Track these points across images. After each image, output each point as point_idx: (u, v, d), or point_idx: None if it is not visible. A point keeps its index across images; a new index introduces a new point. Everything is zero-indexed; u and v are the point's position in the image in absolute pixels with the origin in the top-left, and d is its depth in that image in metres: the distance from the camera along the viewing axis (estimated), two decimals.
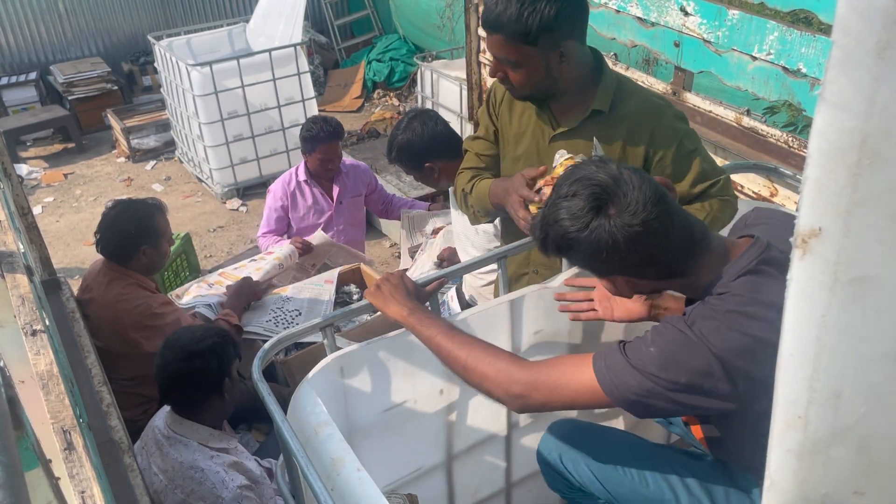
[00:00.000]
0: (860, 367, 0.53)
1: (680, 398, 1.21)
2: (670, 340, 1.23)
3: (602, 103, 1.79)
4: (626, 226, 1.20)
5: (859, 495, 0.58)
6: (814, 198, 0.49)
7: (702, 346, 1.19)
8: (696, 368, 1.19)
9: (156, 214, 2.69)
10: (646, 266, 1.27)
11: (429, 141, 2.63)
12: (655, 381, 1.21)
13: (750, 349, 1.17)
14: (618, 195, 1.22)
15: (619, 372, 1.24)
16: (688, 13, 2.80)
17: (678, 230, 1.25)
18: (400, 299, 1.53)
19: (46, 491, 0.86)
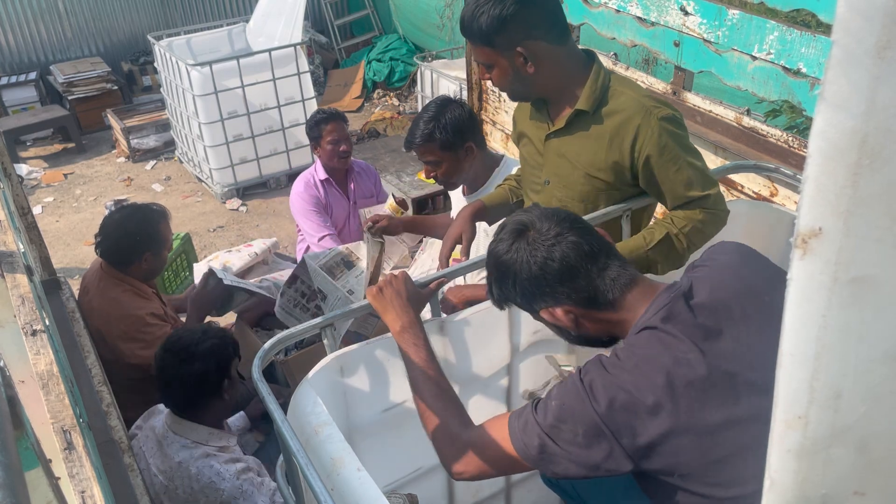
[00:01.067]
0: (860, 367, 0.53)
1: (576, 456, 1.22)
2: (567, 393, 1.25)
3: (585, 104, 1.79)
4: (541, 240, 1.32)
5: (859, 495, 0.58)
6: (814, 198, 0.49)
7: (589, 403, 1.21)
8: (586, 423, 1.21)
9: (160, 221, 2.66)
10: (569, 288, 1.31)
11: (474, 120, 2.61)
12: (556, 436, 1.23)
13: (631, 405, 1.19)
14: (536, 221, 1.36)
15: (527, 431, 1.27)
16: (688, 13, 2.80)
17: (599, 256, 1.32)
18: (398, 308, 1.55)
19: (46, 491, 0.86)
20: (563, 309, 1.34)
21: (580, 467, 1.23)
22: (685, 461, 1.19)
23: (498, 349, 1.84)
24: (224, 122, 5.17)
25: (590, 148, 1.82)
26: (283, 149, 5.53)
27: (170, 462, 2.04)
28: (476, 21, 1.70)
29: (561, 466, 1.25)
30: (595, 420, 1.20)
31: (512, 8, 1.67)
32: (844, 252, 0.49)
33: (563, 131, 1.85)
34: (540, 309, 1.37)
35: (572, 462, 1.23)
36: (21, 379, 1.46)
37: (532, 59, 1.74)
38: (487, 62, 1.78)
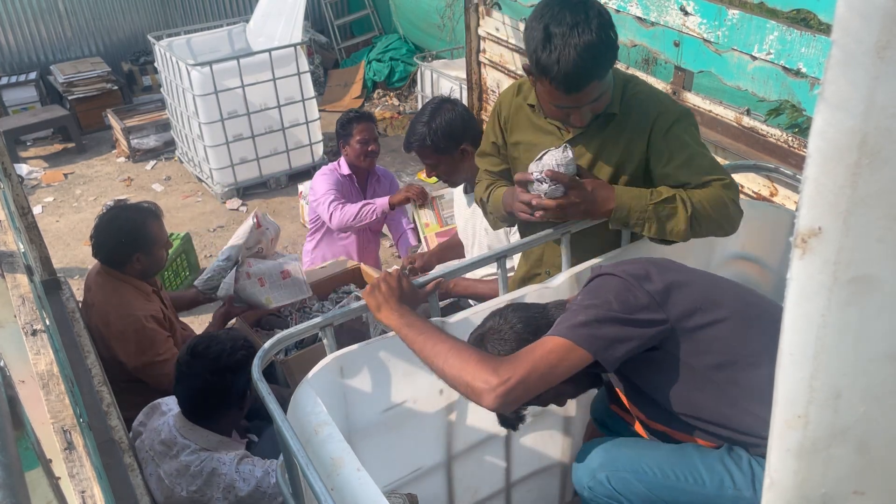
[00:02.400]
0: (860, 367, 0.53)
1: (622, 315, 1.40)
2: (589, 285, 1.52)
3: (614, 107, 1.80)
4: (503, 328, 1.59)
5: (859, 495, 0.58)
6: (813, 197, 0.49)
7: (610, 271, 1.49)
8: (616, 286, 1.45)
9: (148, 221, 2.62)
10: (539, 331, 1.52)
11: (468, 121, 2.60)
12: (596, 308, 1.41)
13: (642, 267, 1.50)
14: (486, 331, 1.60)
15: (568, 320, 1.42)
16: (688, 13, 2.80)
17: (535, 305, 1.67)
18: (392, 304, 1.56)
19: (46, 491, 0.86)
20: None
21: (624, 327, 1.40)
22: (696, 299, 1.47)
23: None
24: (224, 122, 5.16)
25: (610, 150, 1.83)
26: (284, 149, 5.53)
27: (177, 465, 2.03)
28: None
29: (609, 337, 1.39)
30: (621, 278, 1.45)
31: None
32: (844, 252, 0.49)
33: (583, 135, 1.85)
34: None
35: (616, 323, 1.40)
36: (21, 379, 1.46)
37: None
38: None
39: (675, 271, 1.54)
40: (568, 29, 1.60)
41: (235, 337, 2.13)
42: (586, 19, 1.61)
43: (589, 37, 1.60)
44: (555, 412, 2.09)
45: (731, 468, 1.53)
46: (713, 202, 1.71)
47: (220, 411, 2.09)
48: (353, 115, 3.43)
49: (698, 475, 1.55)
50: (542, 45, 1.62)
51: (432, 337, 1.46)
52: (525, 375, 1.34)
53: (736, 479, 1.52)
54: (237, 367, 2.03)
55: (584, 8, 1.62)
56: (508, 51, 3.78)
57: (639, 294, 1.43)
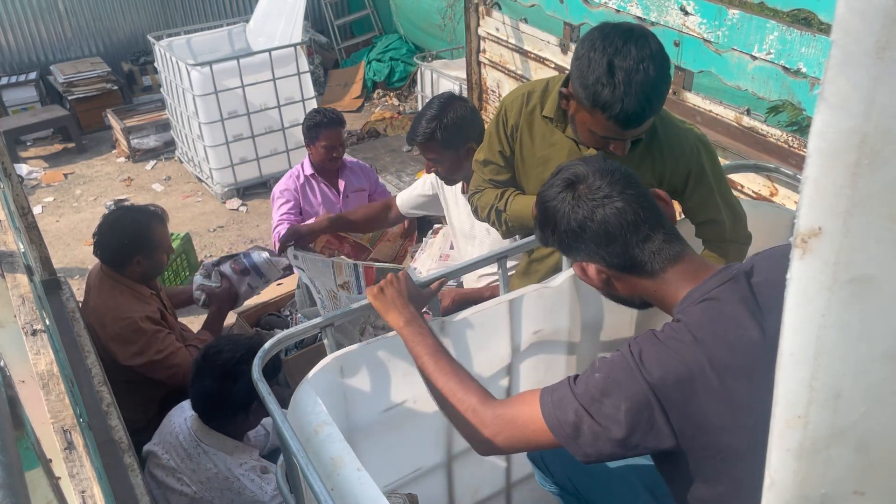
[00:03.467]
0: (860, 367, 0.53)
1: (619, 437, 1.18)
2: (613, 366, 1.21)
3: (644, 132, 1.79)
4: (585, 196, 1.31)
5: (859, 495, 0.59)
6: (813, 198, 0.49)
7: (638, 372, 1.17)
8: (634, 396, 1.16)
9: (153, 224, 2.61)
10: (611, 249, 1.30)
11: (477, 120, 2.58)
12: (596, 412, 1.18)
13: (686, 380, 1.15)
14: (588, 176, 1.33)
15: (563, 407, 1.22)
16: (688, 13, 2.80)
17: (643, 226, 1.29)
18: (400, 307, 1.54)
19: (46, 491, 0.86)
20: (596, 267, 1.34)
21: (616, 445, 1.18)
22: (733, 441, 1.16)
23: (498, 349, 1.84)
24: (224, 122, 5.17)
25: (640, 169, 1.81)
26: (283, 149, 5.53)
27: (206, 473, 2.03)
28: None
29: (594, 445, 1.20)
30: (644, 392, 1.15)
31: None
32: (844, 252, 0.49)
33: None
34: (574, 261, 1.38)
35: (609, 440, 1.18)
36: (21, 379, 1.46)
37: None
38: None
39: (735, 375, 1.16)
40: (634, 64, 1.55)
41: (252, 344, 2.10)
42: (651, 55, 1.56)
43: (654, 74, 1.56)
44: None
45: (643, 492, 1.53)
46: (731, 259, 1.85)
47: (225, 416, 2.09)
48: (321, 119, 3.41)
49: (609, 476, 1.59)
50: (604, 79, 1.57)
51: (434, 362, 1.43)
52: (506, 441, 1.29)
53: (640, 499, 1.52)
54: (241, 375, 2.01)
55: (647, 43, 1.58)
56: (508, 51, 3.78)
57: (656, 418, 1.16)
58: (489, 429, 1.29)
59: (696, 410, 1.15)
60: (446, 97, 2.59)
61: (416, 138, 2.55)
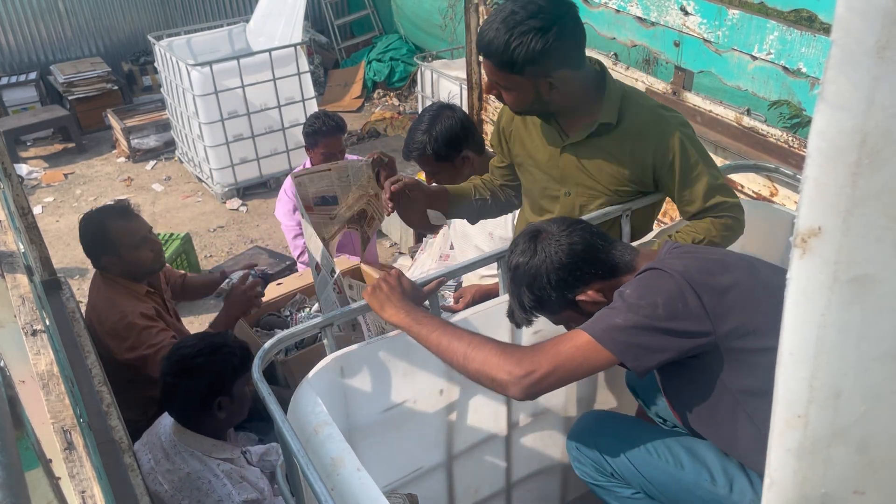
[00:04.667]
0: (860, 367, 0.53)
1: (664, 325, 1.34)
2: (642, 277, 1.43)
3: (608, 116, 1.82)
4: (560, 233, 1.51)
5: (859, 495, 0.59)
6: (813, 197, 0.49)
7: (668, 270, 1.39)
8: (668, 289, 1.36)
9: (108, 223, 2.54)
10: (595, 264, 1.50)
11: (468, 128, 2.58)
12: (637, 311, 1.34)
13: (704, 268, 1.40)
14: (547, 225, 1.55)
15: (606, 319, 1.37)
16: (688, 13, 2.80)
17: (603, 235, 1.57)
18: (396, 302, 1.54)
19: (46, 491, 0.86)
20: (595, 288, 1.50)
21: (663, 334, 1.34)
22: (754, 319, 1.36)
23: None
24: (224, 122, 5.17)
25: (611, 162, 1.86)
26: (284, 149, 5.53)
27: (178, 472, 2.03)
28: (510, 51, 1.67)
29: (645, 344, 1.34)
30: (676, 282, 1.36)
31: (552, 43, 1.66)
32: (844, 251, 0.49)
33: (581, 144, 1.87)
34: (576, 295, 1.51)
35: (656, 332, 1.33)
36: (21, 379, 1.46)
37: (558, 85, 1.75)
38: (508, 86, 1.77)
39: (744, 271, 1.43)
40: (508, 4, 1.69)
41: (216, 342, 2.09)
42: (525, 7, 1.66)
43: (519, 12, 1.66)
44: (555, 412, 2.09)
45: (713, 465, 1.55)
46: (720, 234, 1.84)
47: (195, 414, 2.07)
48: (322, 126, 3.41)
49: (679, 460, 1.60)
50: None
51: (446, 333, 1.43)
52: (550, 370, 1.34)
53: (716, 476, 1.54)
54: (197, 370, 2.01)
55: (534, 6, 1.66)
56: None
57: (690, 301, 1.35)
58: (531, 362, 1.34)
59: (719, 288, 1.37)
60: (435, 109, 2.59)
61: (411, 154, 2.57)
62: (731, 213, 1.85)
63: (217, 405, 2.04)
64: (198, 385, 2.01)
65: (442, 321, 1.48)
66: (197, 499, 1.98)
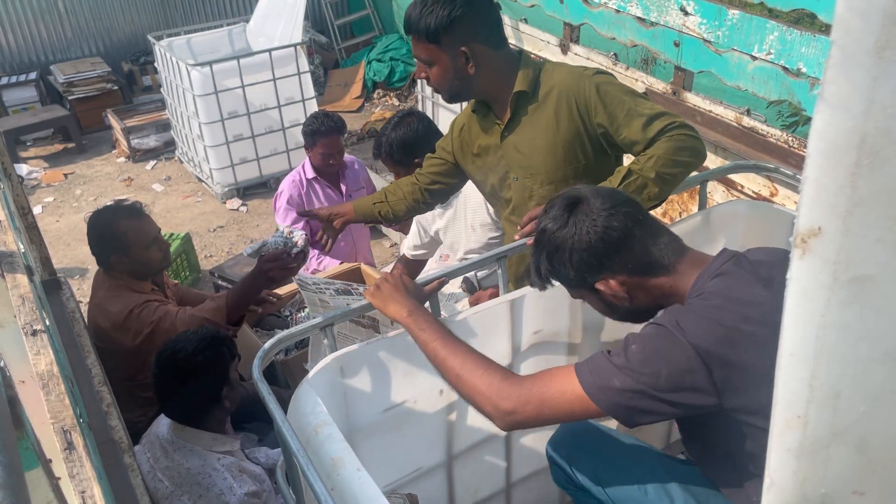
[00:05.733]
0: (860, 367, 0.53)
1: (663, 396, 1.23)
2: (651, 336, 1.27)
3: (522, 84, 1.90)
4: (600, 212, 1.35)
5: (859, 495, 0.59)
6: (813, 197, 0.49)
7: (680, 338, 1.23)
8: (676, 360, 1.22)
9: (118, 221, 2.53)
10: (627, 256, 1.35)
11: (422, 137, 2.69)
12: (637, 378, 1.23)
13: (726, 337, 1.22)
14: (589, 196, 1.38)
15: (603, 375, 1.26)
16: (688, 13, 2.80)
17: (651, 224, 1.38)
18: (399, 299, 1.54)
19: (46, 491, 0.86)
20: (619, 280, 1.37)
21: (660, 405, 1.23)
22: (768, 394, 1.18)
23: (498, 350, 1.84)
24: (224, 122, 5.16)
25: (541, 129, 1.91)
26: (284, 149, 5.52)
27: (178, 468, 2.03)
28: (424, 19, 1.82)
29: (638, 409, 1.24)
30: (687, 355, 1.21)
31: (460, 11, 1.81)
32: (844, 252, 0.49)
33: (512, 123, 1.95)
34: (596, 281, 1.38)
35: (654, 400, 1.23)
36: (21, 379, 1.46)
37: (473, 60, 1.86)
38: (429, 59, 1.88)
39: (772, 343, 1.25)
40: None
41: (203, 336, 2.09)
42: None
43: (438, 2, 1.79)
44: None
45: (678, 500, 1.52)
46: (671, 153, 1.72)
47: (200, 411, 2.07)
48: (320, 126, 3.42)
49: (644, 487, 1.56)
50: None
51: (445, 346, 1.42)
52: (533, 414, 1.30)
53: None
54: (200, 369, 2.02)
55: None
56: None
57: (698, 377, 1.21)
58: (517, 401, 1.30)
59: (737, 365, 1.21)
60: (401, 114, 2.76)
61: (378, 154, 2.76)
62: (678, 132, 1.74)
63: (223, 394, 2.07)
64: (206, 382, 2.03)
65: (442, 330, 1.46)
66: (198, 493, 1.99)
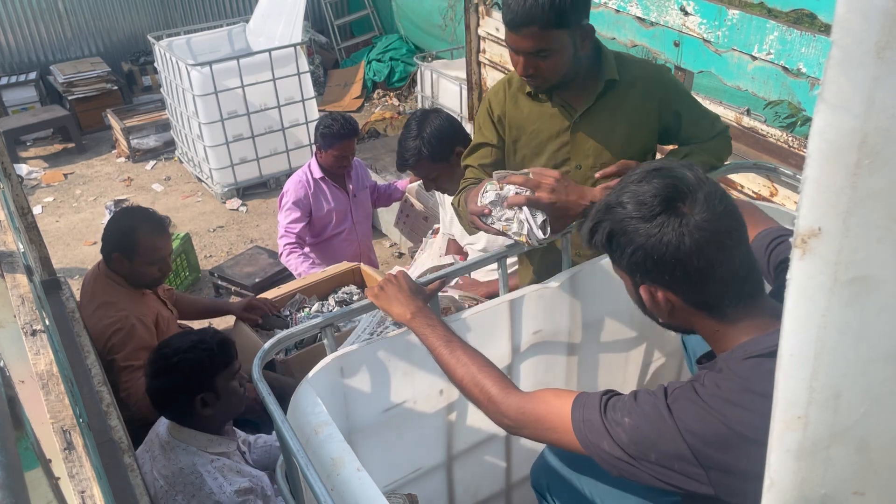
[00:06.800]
0: (860, 367, 0.53)
1: (651, 472, 1.15)
2: (645, 417, 1.15)
3: (612, 72, 1.89)
4: (697, 228, 1.09)
5: (859, 495, 0.58)
6: (813, 198, 0.49)
7: (675, 432, 1.11)
8: (666, 451, 1.12)
9: (137, 227, 2.52)
10: (696, 284, 1.13)
11: (456, 125, 2.63)
12: (624, 453, 1.16)
13: (729, 442, 1.09)
14: (694, 195, 1.11)
15: (594, 431, 1.20)
16: (688, 13, 2.80)
17: (742, 257, 1.13)
18: (403, 300, 1.55)
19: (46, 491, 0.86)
20: (667, 296, 1.17)
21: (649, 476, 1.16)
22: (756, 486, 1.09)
23: (498, 350, 1.84)
24: (224, 122, 5.17)
25: (623, 118, 1.91)
26: (283, 149, 5.53)
27: (172, 468, 2.03)
28: (552, 5, 1.69)
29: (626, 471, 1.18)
30: (679, 449, 1.11)
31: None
32: (844, 252, 0.49)
33: (592, 111, 1.92)
34: (641, 284, 1.20)
35: (641, 471, 1.16)
36: (21, 379, 1.46)
37: (587, 36, 1.82)
38: (554, 47, 1.76)
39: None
40: None
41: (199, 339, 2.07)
42: None
43: None
44: None
45: None
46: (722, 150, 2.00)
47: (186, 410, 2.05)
48: (338, 128, 3.40)
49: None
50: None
51: (452, 354, 1.44)
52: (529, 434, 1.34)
53: None
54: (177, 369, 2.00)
55: None
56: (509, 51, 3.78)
57: (689, 469, 1.12)
58: (512, 419, 1.32)
59: (735, 465, 1.09)
60: (420, 115, 2.65)
61: (407, 161, 2.60)
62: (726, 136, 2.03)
63: (200, 402, 2.02)
64: (178, 385, 2.00)
65: (447, 335, 1.48)
66: (191, 493, 1.99)
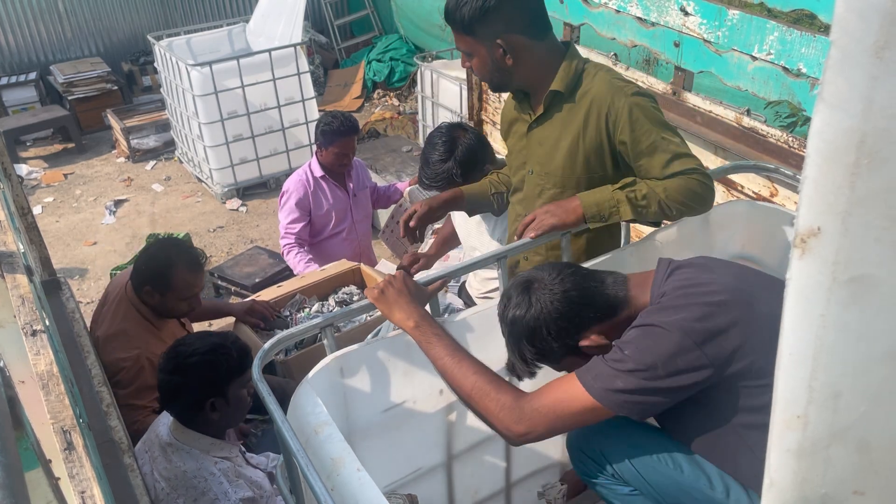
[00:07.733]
0: (859, 367, 0.53)
1: (665, 384, 1.33)
2: (639, 335, 1.38)
3: (559, 84, 1.87)
4: (553, 281, 1.48)
5: (859, 495, 0.58)
6: (812, 198, 0.49)
7: (664, 327, 1.35)
8: (667, 352, 1.33)
9: (174, 264, 2.51)
10: (592, 307, 1.48)
11: (484, 141, 2.62)
12: (638, 376, 1.33)
13: (701, 313, 1.35)
14: (536, 276, 1.51)
15: (606, 379, 1.35)
16: (688, 13, 2.80)
17: (594, 273, 1.53)
18: (405, 306, 1.55)
19: (46, 491, 0.86)
20: (596, 331, 1.47)
21: (665, 393, 1.34)
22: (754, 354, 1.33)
23: (498, 350, 1.83)
24: (224, 123, 5.17)
25: (567, 132, 1.89)
26: (283, 149, 5.53)
27: (175, 470, 2.02)
28: (459, 10, 1.79)
29: (646, 403, 1.35)
30: (674, 338, 1.33)
31: (494, 1, 1.76)
32: (843, 252, 0.49)
33: (542, 118, 1.93)
34: (579, 341, 1.48)
35: (657, 392, 1.33)
36: (21, 379, 1.46)
37: (510, 52, 1.82)
38: (468, 51, 1.87)
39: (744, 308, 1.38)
40: None
41: (218, 341, 2.07)
42: None
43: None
44: None
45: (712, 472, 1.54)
46: (681, 192, 1.76)
47: (192, 412, 2.05)
48: (338, 126, 3.40)
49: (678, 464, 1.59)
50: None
51: (455, 364, 1.46)
52: (545, 431, 1.39)
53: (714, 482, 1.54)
54: (191, 370, 1.99)
55: None
56: None
57: (690, 356, 1.33)
58: (529, 423, 1.38)
59: (720, 332, 1.34)
60: (446, 132, 2.57)
61: (436, 184, 2.54)
62: (695, 176, 1.76)
63: (210, 406, 2.02)
64: (191, 384, 2.00)
65: (451, 344, 1.49)
66: (193, 497, 1.98)
